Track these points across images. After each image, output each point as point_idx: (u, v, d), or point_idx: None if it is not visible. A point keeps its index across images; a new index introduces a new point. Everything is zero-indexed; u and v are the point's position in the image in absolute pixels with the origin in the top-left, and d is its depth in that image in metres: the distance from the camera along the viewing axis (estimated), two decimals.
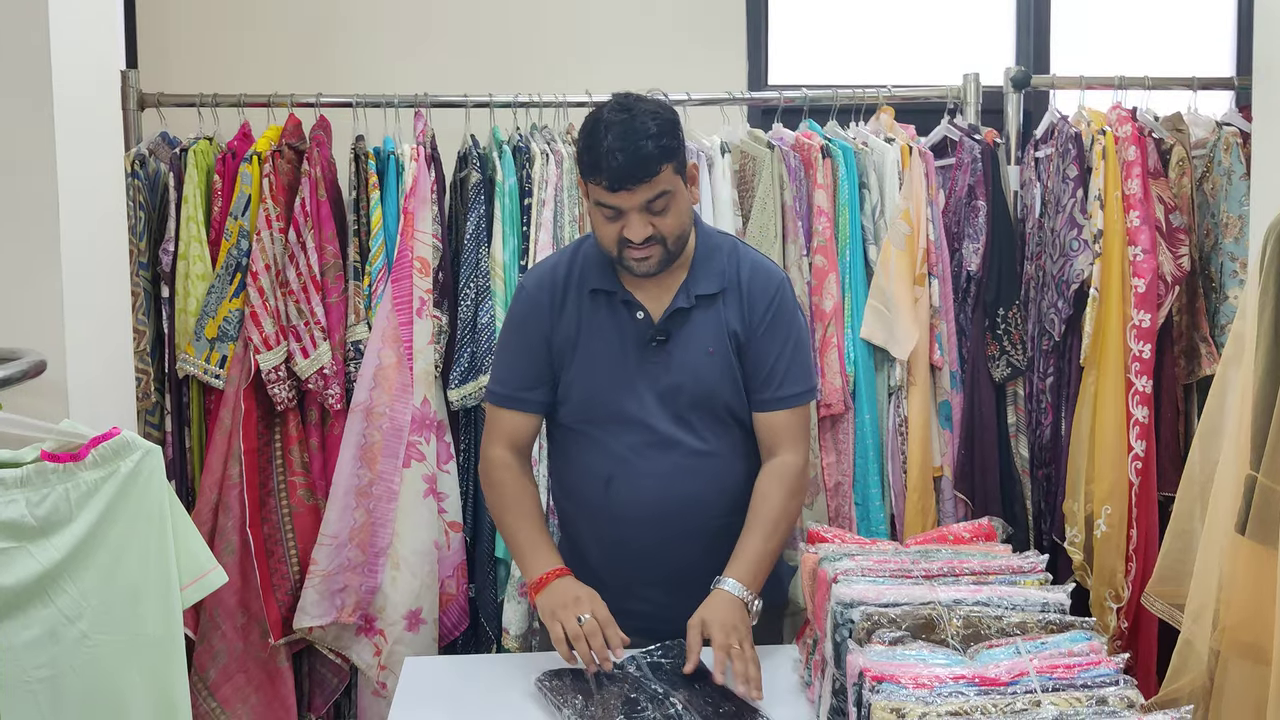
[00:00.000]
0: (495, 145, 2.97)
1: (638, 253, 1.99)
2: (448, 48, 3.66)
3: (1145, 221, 2.88)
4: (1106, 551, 2.88)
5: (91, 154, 2.23)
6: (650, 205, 1.96)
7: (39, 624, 1.70)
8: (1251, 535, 1.87)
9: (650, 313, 2.08)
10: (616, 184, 1.92)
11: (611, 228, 1.99)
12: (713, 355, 2.07)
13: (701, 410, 2.08)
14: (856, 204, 2.95)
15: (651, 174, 1.93)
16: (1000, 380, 2.96)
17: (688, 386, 2.07)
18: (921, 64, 3.75)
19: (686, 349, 2.07)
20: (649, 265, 2.01)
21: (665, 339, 2.07)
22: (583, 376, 2.10)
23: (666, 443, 2.07)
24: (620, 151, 1.91)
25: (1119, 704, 1.38)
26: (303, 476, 2.88)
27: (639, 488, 2.07)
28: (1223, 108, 3.18)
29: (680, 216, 2.01)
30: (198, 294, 2.85)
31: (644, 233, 1.96)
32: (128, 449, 1.78)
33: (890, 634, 1.54)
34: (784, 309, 2.12)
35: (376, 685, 2.86)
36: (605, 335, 2.09)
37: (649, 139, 1.92)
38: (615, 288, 2.08)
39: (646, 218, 1.96)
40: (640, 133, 1.92)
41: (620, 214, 1.96)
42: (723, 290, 2.09)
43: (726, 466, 2.11)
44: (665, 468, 2.07)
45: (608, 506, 2.10)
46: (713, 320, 2.08)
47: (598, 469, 2.10)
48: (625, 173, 1.91)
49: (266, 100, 2.98)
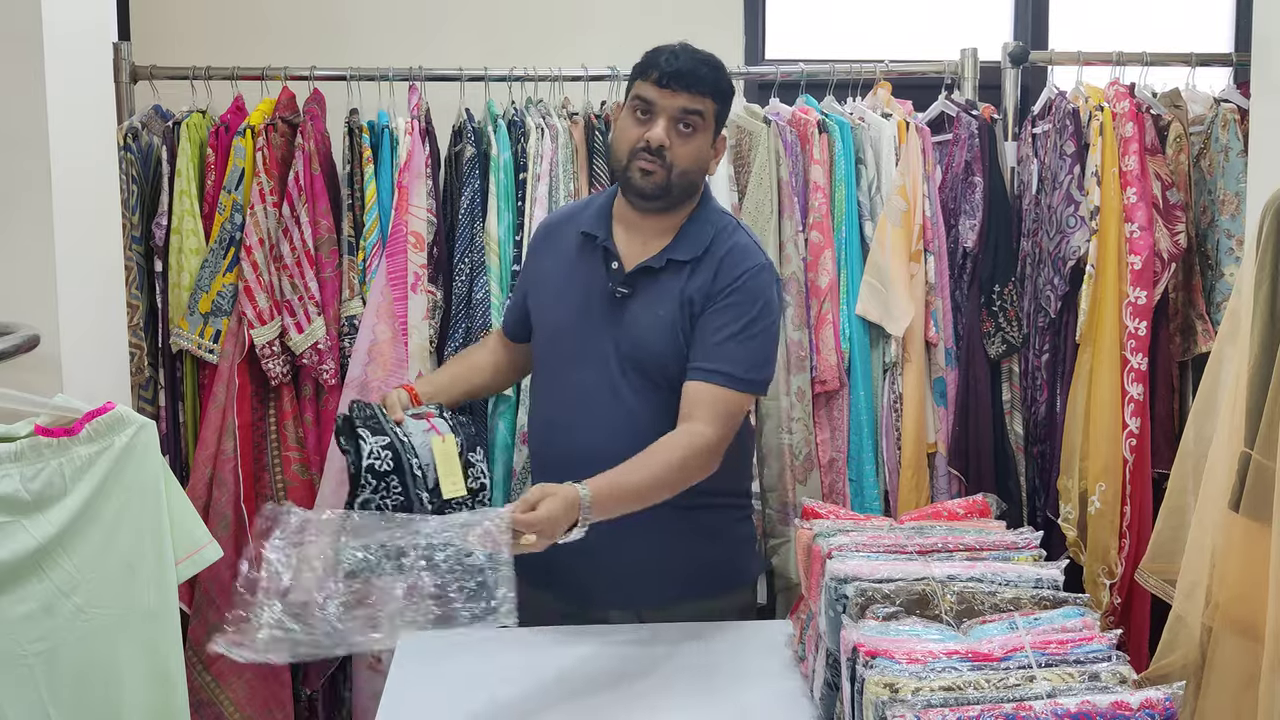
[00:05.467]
0: (490, 119, 2.95)
1: (647, 164, 2.04)
2: (443, 21, 3.63)
3: (1142, 198, 2.87)
4: (1100, 528, 2.89)
5: (84, 127, 2.21)
6: (682, 119, 2.04)
7: (34, 598, 1.70)
8: (1245, 512, 1.87)
9: (624, 266, 2.11)
10: (666, 80, 2.02)
11: (636, 130, 2.05)
12: (660, 317, 2.08)
13: (642, 370, 2.09)
14: (853, 180, 2.95)
15: (701, 87, 2.04)
16: (996, 357, 2.96)
17: (633, 344, 2.09)
18: (919, 39, 3.73)
19: (643, 308, 2.10)
20: (650, 181, 2.04)
21: (629, 293, 2.09)
22: (546, 313, 2.21)
23: (606, 394, 2.10)
24: (682, 56, 2.04)
25: (1111, 679, 1.39)
26: (297, 451, 2.88)
27: (574, 434, 2.11)
28: (1221, 84, 3.16)
29: (697, 155, 2.07)
30: (191, 268, 2.84)
31: (662, 139, 2.02)
32: (122, 424, 1.78)
33: (884, 609, 1.54)
34: (749, 292, 2.07)
35: (372, 660, 2.86)
36: (578, 279, 2.15)
37: (708, 65, 2.07)
38: (602, 234, 2.13)
39: (671, 130, 2.04)
40: (703, 57, 2.07)
41: (652, 116, 2.04)
42: (694, 259, 2.08)
43: (645, 425, 2.04)
44: (600, 418, 2.09)
45: (550, 451, 2.18)
46: (672, 285, 2.09)
47: (543, 412, 2.21)
48: (679, 71, 2.03)
49: (260, 73, 2.96)
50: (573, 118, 2.97)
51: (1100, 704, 1.32)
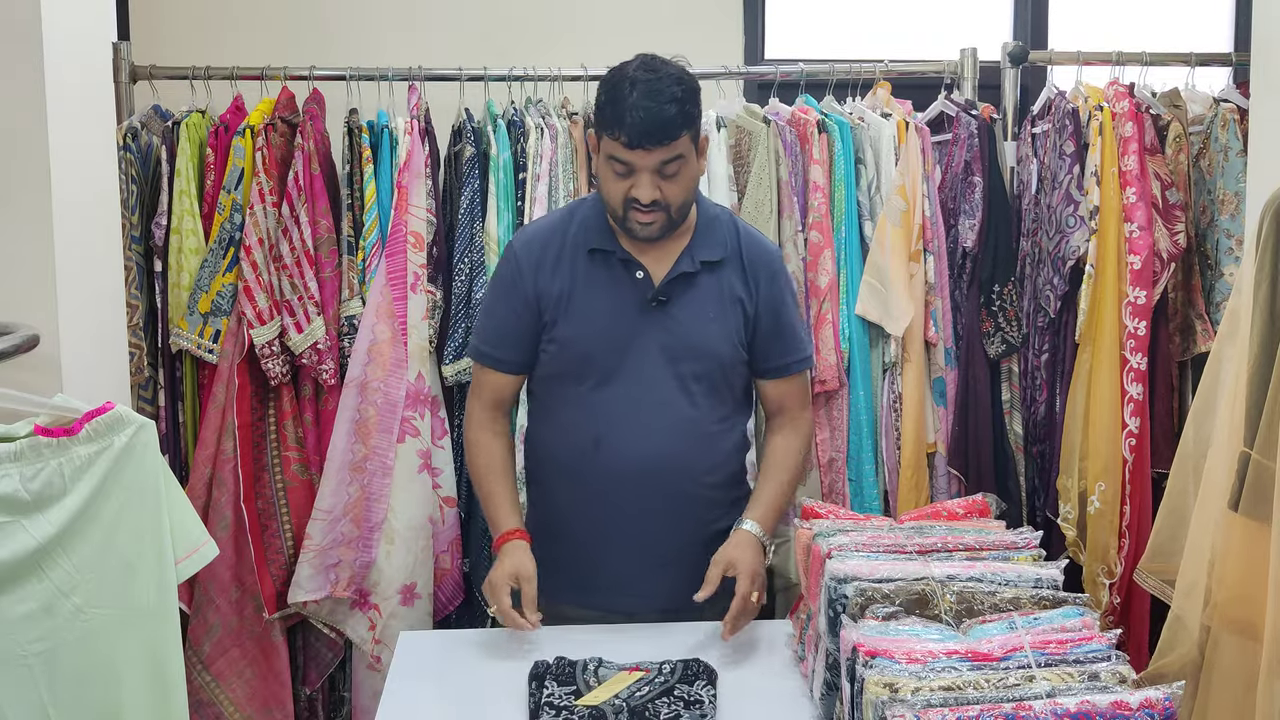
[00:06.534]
0: (490, 119, 2.95)
1: (643, 216, 2.01)
2: (442, 21, 3.63)
3: (1141, 198, 2.87)
4: (1100, 528, 2.89)
5: (83, 127, 2.21)
6: (663, 168, 1.97)
7: (33, 598, 1.70)
8: (1244, 511, 1.87)
9: (650, 273, 2.08)
10: (635, 141, 1.93)
11: (620, 185, 2.00)
12: (714, 320, 2.08)
13: (699, 374, 2.09)
14: (852, 180, 2.95)
15: (671, 137, 1.95)
16: (995, 357, 2.96)
17: (688, 349, 2.08)
18: (918, 39, 3.73)
19: (689, 312, 2.08)
20: (652, 230, 2.03)
21: (666, 300, 2.08)
22: (579, 332, 2.10)
23: (661, 403, 2.08)
24: (644, 110, 1.92)
25: (1111, 679, 1.39)
26: (297, 451, 2.87)
27: (629, 446, 2.07)
28: (1220, 84, 3.17)
29: (687, 185, 2.03)
30: (190, 268, 2.84)
31: (652, 195, 1.97)
32: (121, 423, 1.78)
33: (884, 609, 1.54)
34: (785, 280, 2.18)
35: (371, 659, 2.87)
36: (603, 293, 2.10)
37: (673, 102, 1.94)
38: (614, 247, 2.09)
39: (656, 180, 1.98)
40: (666, 95, 1.93)
41: (631, 172, 1.98)
42: (725, 258, 2.11)
43: (716, 433, 2.13)
44: (657, 427, 2.08)
45: (595, 467, 2.09)
46: (715, 286, 2.09)
47: (586, 429, 2.11)
48: (646, 131, 1.92)
49: (259, 73, 2.96)
50: (572, 117, 2.97)
51: (1100, 704, 1.32)
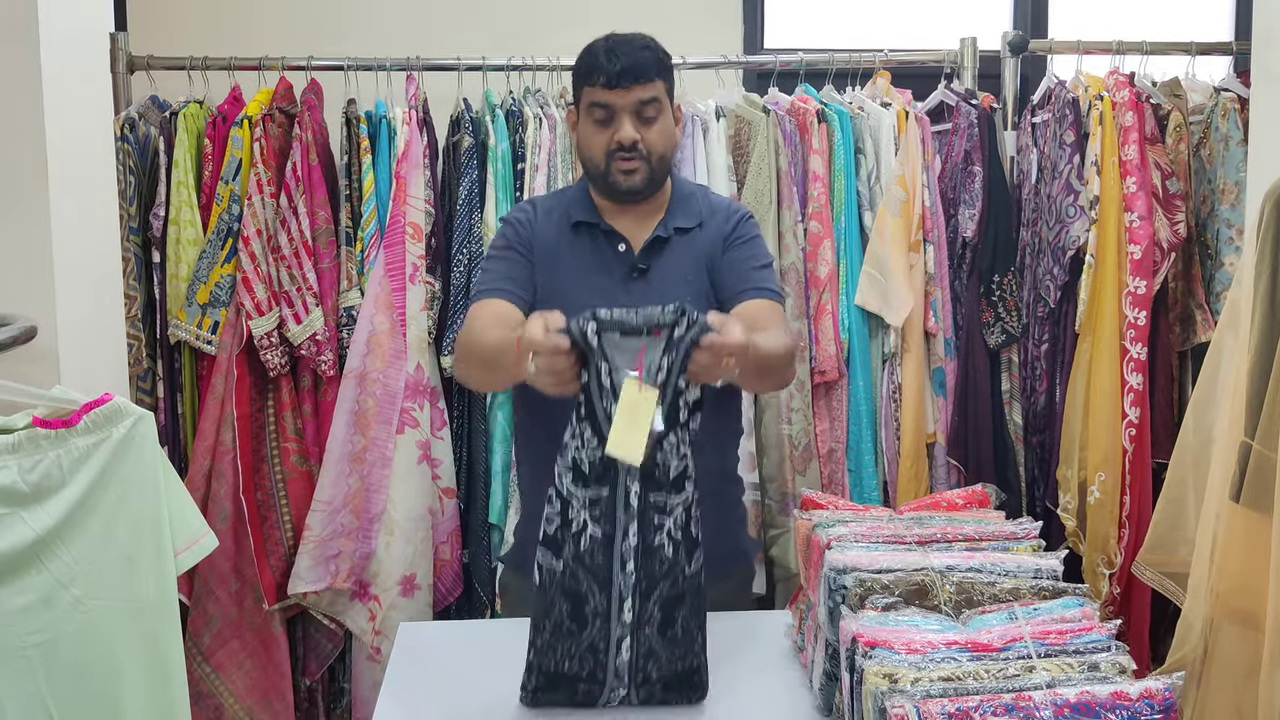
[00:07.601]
0: (488, 109, 2.94)
1: (626, 164, 2.04)
2: (440, 10, 3.62)
3: (1142, 187, 2.87)
4: (1100, 518, 2.89)
5: (80, 117, 2.20)
6: (642, 110, 2.03)
7: (33, 590, 1.70)
8: (1245, 502, 1.87)
9: (632, 246, 2.11)
10: (614, 80, 2.01)
11: (603, 135, 2.05)
12: (690, 283, 2.09)
13: None
14: (852, 169, 2.94)
15: (648, 76, 2.03)
16: (995, 347, 2.96)
17: None
18: (918, 28, 3.72)
19: (665, 279, 2.09)
20: (635, 180, 2.05)
21: (646, 269, 2.09)
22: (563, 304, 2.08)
23: None
24: (621, 51, 2.03)
25: (1111, 669, 1.39)
26: (296, 442, 2.87)
27: None
28: (1221, 73, 3.16)
29: (666, 134, 2.08)
30: (189, 259, 2.83)
31: (633, 136, 2.02)
32: (120, 415, 1.78)
33: (883, 600, 1.54)
34: (750, 230, 2.17)
35: (371, 650, 2.87)
36: (587, 265, 2.11)
37: (646, 49, 2.06)
38: (598, 219, 2.12)
39: (636, 123, 2.03)
40: (638, 42, 2.06)
41: (612, 118, 2.03)
42: (698, 225, 2.13)
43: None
44: None
45: None
46: (689, 251, 2.11)
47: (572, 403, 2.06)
48: (624, 69, 2.01)
49: (257, 63, 2.95)
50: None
51: (1100, 694, 1.32)
